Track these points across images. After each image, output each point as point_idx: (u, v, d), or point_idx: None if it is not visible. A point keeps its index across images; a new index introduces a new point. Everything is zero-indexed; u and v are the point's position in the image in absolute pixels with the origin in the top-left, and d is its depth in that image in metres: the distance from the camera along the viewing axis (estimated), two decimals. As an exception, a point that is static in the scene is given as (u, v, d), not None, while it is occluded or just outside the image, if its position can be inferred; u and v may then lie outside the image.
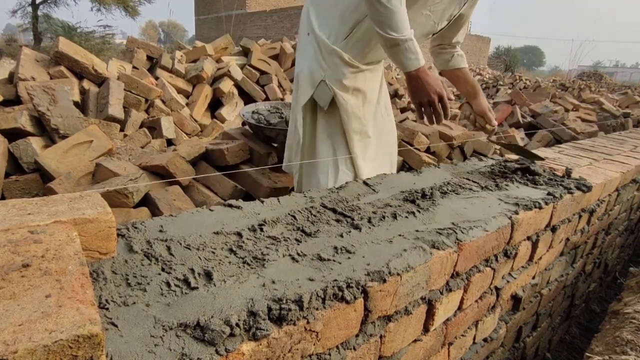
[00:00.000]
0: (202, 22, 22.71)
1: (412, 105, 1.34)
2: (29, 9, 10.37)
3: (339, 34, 1.32)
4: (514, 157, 1.58)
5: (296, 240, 0.76)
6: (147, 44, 4.29)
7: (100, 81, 3.14)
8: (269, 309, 0.55)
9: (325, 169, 1.43)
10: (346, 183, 1.11)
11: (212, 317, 0.52)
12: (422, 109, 1.28)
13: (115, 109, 2.90)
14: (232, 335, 0.51)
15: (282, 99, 4.21)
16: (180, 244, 0.69)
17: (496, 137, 3.46)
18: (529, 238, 1.13)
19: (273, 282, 0.62)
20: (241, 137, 2.19)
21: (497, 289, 1.08)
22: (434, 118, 1.28)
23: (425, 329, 0.85)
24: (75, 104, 2.73)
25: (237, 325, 0.52)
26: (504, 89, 10.70)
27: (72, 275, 0.46)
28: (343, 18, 1.31)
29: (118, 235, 0.69)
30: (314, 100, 1.41)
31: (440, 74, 1.76)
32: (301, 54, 1.46)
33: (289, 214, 0.86)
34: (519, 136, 3.52)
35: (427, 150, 2.73)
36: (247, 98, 4.30)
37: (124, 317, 0.52)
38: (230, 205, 0.86)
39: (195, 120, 3.83)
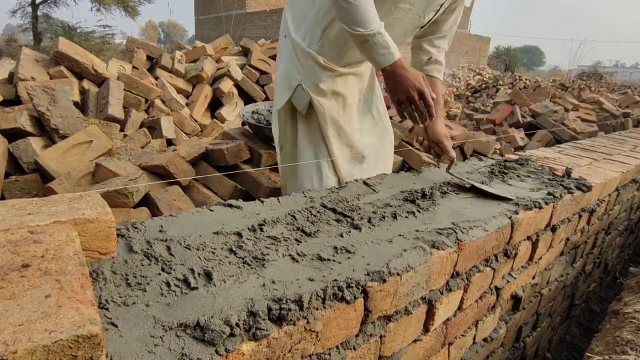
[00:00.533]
0: (202, 22, 22.70)
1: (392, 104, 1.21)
2: (29, 9, 10.37)
3: (314, 36, 1.27)
4: (514, 157, 1.58)
5: (296, 240, 0.76)
6: (147, 44, 4.30)
7: (100, 81, 3.14)
8: (269, 309, 0.55)
9: (309, 176, 1.38)
10: (346, 183, 1.11)
11: (212, 317, 0.52)
12: (402, 107, 1.16)
13: (115, 109, 2.91)
14: (232, 335, 0.51)
15: (282, 99, 4.20)
16: (180, 244, 0.69)
17: (496, 137, 3.45)
18: (529, 238, 1.13)
19: (273, 282, 0.62)
20: (241, 137, 2.20)
21: (497, 288, 1.08)
22: (416, 117, 1.16)
23: (425, 329, 0.85)
24: (75, 104, 2.73)
25: (237, 325, 0.52)
26: (504, 88, 10.71)
27: (71, 276, 0.46)
28: (317, 19, 1.26)
29: (118, 235, 0.69)
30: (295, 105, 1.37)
31: None
32: (280, 57, 1.42)
33: (289, 214, 0.86)
34: (519, 136, 3.52)
35: (427, 150, 2.72)
36: (247, 98, 4.30)
37: (124, 317, 0.52)
38: (230, 205, 0.86)
39: (195, 120, 3.83)
